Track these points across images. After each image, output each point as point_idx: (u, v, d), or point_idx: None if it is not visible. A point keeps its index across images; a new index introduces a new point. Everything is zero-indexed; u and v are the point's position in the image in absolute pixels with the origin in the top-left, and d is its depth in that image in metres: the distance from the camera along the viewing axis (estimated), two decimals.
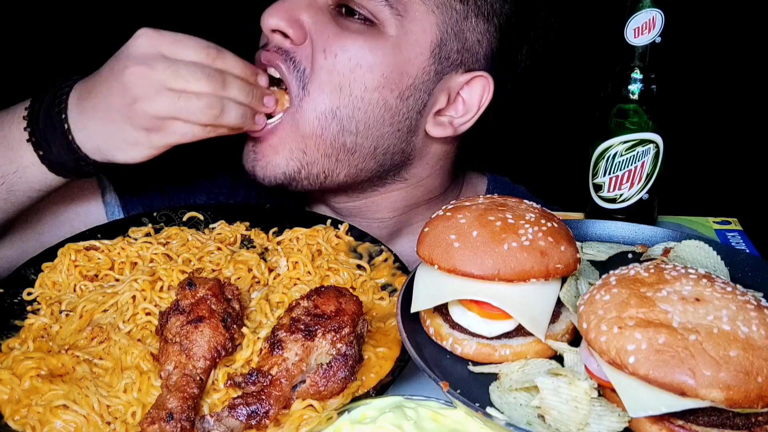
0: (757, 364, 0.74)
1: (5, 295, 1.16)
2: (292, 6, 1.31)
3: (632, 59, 1.18)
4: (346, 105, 1.30)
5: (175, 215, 1.38)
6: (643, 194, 1.23)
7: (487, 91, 1.38)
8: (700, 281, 0.83)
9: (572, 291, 0.98)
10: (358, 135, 1.33)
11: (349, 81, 1.29)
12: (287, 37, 1.31)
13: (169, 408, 0.90)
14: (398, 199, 1.48)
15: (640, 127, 1.20)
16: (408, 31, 1.30)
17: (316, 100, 1.30)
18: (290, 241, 1.31)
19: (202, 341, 0.99)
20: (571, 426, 0.81)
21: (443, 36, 1.33)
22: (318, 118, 1.31)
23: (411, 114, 1.35)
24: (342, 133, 1.32)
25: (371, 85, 1.29)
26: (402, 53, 1.30)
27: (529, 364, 0.92)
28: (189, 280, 1.06)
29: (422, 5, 1.31)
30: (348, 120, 1.31)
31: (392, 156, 1.39)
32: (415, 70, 1.32)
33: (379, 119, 1.33)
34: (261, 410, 0.92)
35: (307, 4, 1.31)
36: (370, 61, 1.29)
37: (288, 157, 1.33)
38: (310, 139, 1.32)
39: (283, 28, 1.30)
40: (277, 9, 1.31)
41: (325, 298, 1.02)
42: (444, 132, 1.39)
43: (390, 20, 1.29)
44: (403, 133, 1.37)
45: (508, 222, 0.95)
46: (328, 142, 1.32)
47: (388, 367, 1.00)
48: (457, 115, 1.40)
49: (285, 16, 1.30)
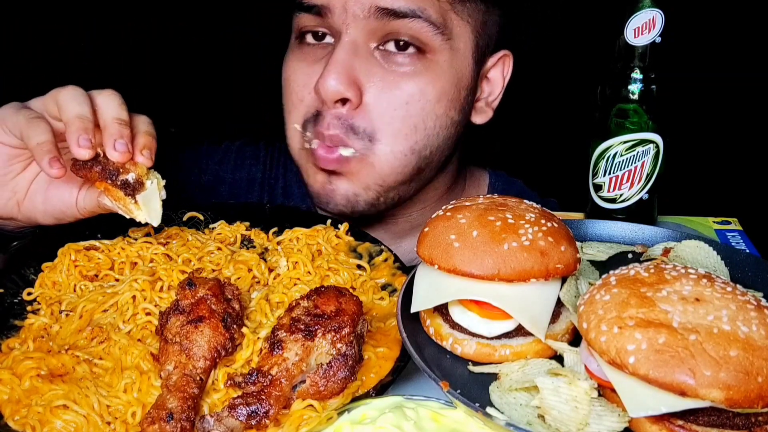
0: (757, 364, 0.74)
1: (5, 295, 1.16)
2: (347, 64, 1.26)
3: (632, 59, 1.18)
4: (422, 138, 1.33)
5: (175, 215, 1.38)
6: (643, 194, 1.23)
7: (507, 64, 1.45)
8: (700, 281, 0.83)
9: (572, 291, 0.98)
10: (430, 156, 1.37)
11: (422, 118, 1.32)
12: (345, 102, 1.28)
13: (169, 408, 0.90)
14: (429, 190, 1.51)
15: (640, 127, 1.20)
16: (456, 49, 1.34)
17: (391, 144, 1.31)
18: (290, 241, 1.31)
19: (202, 341, 0.99)
20: (571, 426, 0.81)
21: (477, 39, 1.37)
22: (396, 157, 1.33)
23: (466, 117, 1.42)
24: (419, 161, 1.36)
25: (440, 112, 1.34)
26: (457, 72, 1.35)
27: (529, 364, 0.91)
28: (189, 280, 1.06)
29: (459, 19, 1.33)
30: (424, 148, 1.35)
31: (449, 158, 1.45)
32: (466, 81, 1.38)
33: (448, 135, 1.38)
34: (261, 410, 0.92)
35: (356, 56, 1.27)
36: (436, 93, 1.32)
37: (365, 187, 1.35)
38: (389, 176, 1.34)
39: (344, 93, 1.26)
40: (335, 73, 1.25)
41: (325, 298, 1.01)
42: (486, 116, 1.47)
43: (442, 46, 1.31)
44: (460, 136, 1.43)
45: (508, 222, 0.94)
46: (407, 174, 1.36)
47: (388, 367, 1.00)
48: (488, 95, 1.46)
49: (346, 80, 1.26)
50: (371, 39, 1.29)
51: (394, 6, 1.25)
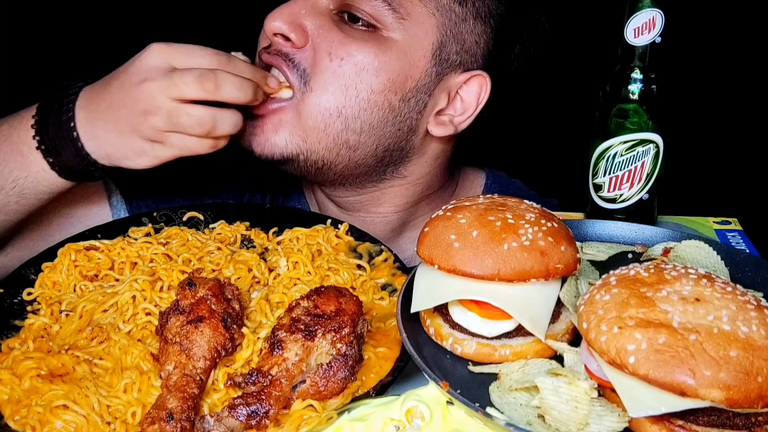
0: (757, 364, 0.74)
1: (5, 295, 1.16)
2: (294, 10, 1.33)
3: (632, 59, 1.18)
4: (351, 105, 1.32)
5: (175, 215, 1.38)
6: (643, 194, 1.23)
7: (484, 89, 1.41)
8: (700, 281, 0.83)
9: (572, 291, 0.98)
10: (361, 134, 1.35)
11: (356, 83, 1.31)
12: (288, 41, 1.33)
13: (169, 408, 0.90)
14: (398, 194, 1.50)
15: (640, 127, 1.20)
16: (411, 34, 1.32)
17: (320, 97, 1.32)
18: (290, 241, 1.31)
19: (202, 341, 0.99)
20: (571, 426, 0.81)
21: (443, 38, 1.35)
22: (322, 114, 1.32)
23: (412, 114, 1.38)
24: (346, 131, 1.34)
25: (377, 88, 1.32)
26: (406, 57, 1.33)
27: (529, 364, 0.91)
28: (189, 280, 1.06)
29: (423, 8, 1.32)
30: (353, 120, 1.33)
31: (391, 153, 1.41)
32: (417, 73, 1.35)
33: (382, 120, 1.35)
34: (261, 410, 0.92)
35: (309, 9, 1.33)
36: (376, 65, 1.31)
37: (287, 140, 1.35)
38: (312, 132, 1.34)
39: (285, 31, 1.32)
40: (280, 13, 1.32)
41: (325, 298, 1.01)
42: (446, 131, 1.42)
43: (393, 24, 1.31)
44: (404, 132, 1.39)
45: (508, 222, 0.94)
46: (331, 138, 1.34)
47: (388, 368, 1.00)
48: (456, 114, 1.42)
49: (288, 20, 1.32)
50: (331, 3, 1.34)
51: None
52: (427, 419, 0.88)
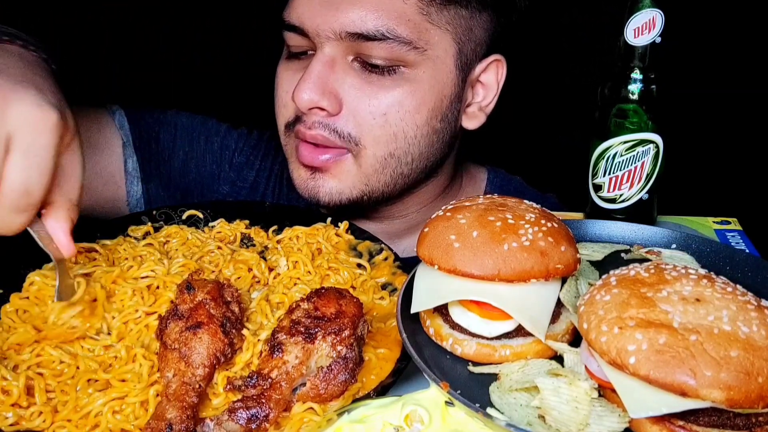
0: (758, 365, 0.74)
1: (5, 296, 1.16)
2: (320, 78, 1.31)
3: (632, 59, 1.18)
4: (401, 146, 1.36)
5: (174, 213, 1.38)
6: (643, 194, 1.23)
7: (501, 69, 1.45)
8: (700, 281, 0.83)
9: (572, 291, 0.98)
10: (413, 162, 1.40)
11: (402, 127, 1.34)
12: (322, 110, 1.33)
13: (169, 419, 0.90)
14: (425, 192, 1.53)
15: (640, 127, 1.20)
16: (434, 58, 1.34)
17: (374, 149, 1.35)
18: (290, 240, 1.31)
19: (201, 348, 0.98)
20: (572, 426, 0.81)
21: (460, 46, 1.37)
22: (378, 161, 1.37)
23: (452, 125, 1.43)
24: (400, 166, 1.39)
25: (421, 122, 1.36)
26: (437, 82, 1.35)
27: (530, 364, 0.91)
28: (188, 284, 1.05)
29: (437, 29, 1.33)
30: (405, 155, 1.38)
31: (437, 163, 1.47)
32: (449, 89, 1.38)
33: (429, 144, 1.40)
34: (261, 414, 0.91)
35: (331, 69, 1.32)
36: (415, 104, 1.34)
37: (351, 187, 1.39)
38: (372, 176, 1.38)
39: (318, 103, 1.31)
40: (308, 85, 1.30)
41: (325, 300, 1.01)
42: (479, 121, 1.47)
43: (417, 58, 1.31)
44: (446, 142, 1.44)
45: (508, 222, 0.94)
46: (388, 175, 1.39)
47: (388, 369, 1.00)
48: (481, 100, 1.46)
49: (319, 91, 1.30)
50: (348, 53, 1.33)
51: (362, 30, 1.28)
52: (426, 422, 0.88)
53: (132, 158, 1.57)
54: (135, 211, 1.58)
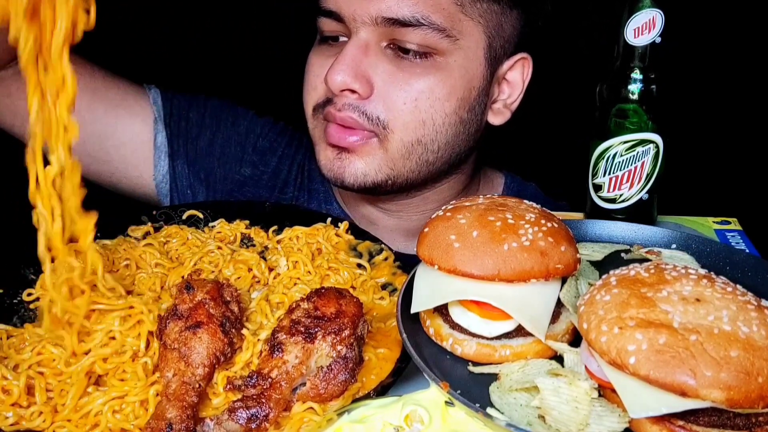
0: (758, 365, 0.74)
1: (5, 296, 1.16)
2: (354, 61, 1.33)
3: (632, 59, 1.18)
4: (429, 133, 1.38)
5: (174, 213, 1.38)
6: (643, 194, 1.23)
7: (527, 67, 1.48)
8: (700, 281, 0.83)
9: (572, 291, 0.98)
10: (439, 151, 1.41)
11: (431, 114, 1.36)
12: (354, 92, 1.34)
13: (168, 418, 0.90)
14: (446, 189, 1.55)
15: (640, 127, 1.20)
16: (466, 49, 1.36)
17: (402, 134, 1.37)
18: (290, 240, 1.31)
19: (201, 348, 0.98)
20: (572, 426, 0.81)
21: (490, 40, 1.39)
22: (405, 146, 1.38)
23: (478, 117, 1.45)
24: (426, 153, 1.40)
25: (449, 110, 1.38)
26: (467, 72, 1.37)
27: (529, 364, 0.91)
28: (187, 283, 1.05)
29: (469, 20, 1.35)
30: (431, 143, 1.39)
31: (461, 155, 1.48)
32: (478, 81, 1.40)
33: (456, 134, 1.42)
34: (261, 413, 0.91)
35: (365, 54, 1.34)
36: (445, 92, 1.36)
37: (377, 170, 1.40)
38: (398, 161, 1.39)
39: (350, 85, 1.33)
40: (341, 67, 1.32)
41: (325, 300, 1.01)
42: (504, 117, 1.50)
43: (449, 47, 1.34)
44: (472, 134, 1.46)
45: (508, 222, 0.94)
46: (414, 161, 1.41)
47: (388, 369, 1.00)
48: (507, 97, 1.49)
49: (351, 73, 1.32)
50: (381, 39, 1.35)
51: (398, 15, 1.30)
52: (426, 422, 0.88)
53: (162, 133, 1.60)
54: (160, 187, 1.63)
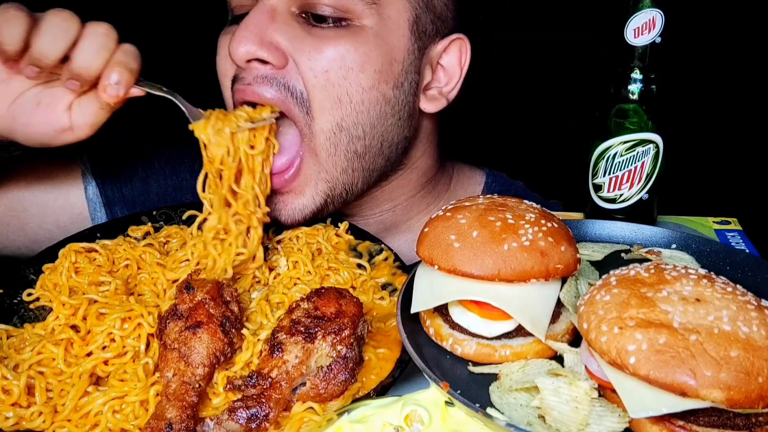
0: (758, 365, 0.74)
1: (5, 296, 1.16)
2: (259, 27, 1.21)
3: (632, 59, 1.18)
4: (348, 114, 1.26)
5: (174, 213, 1.38)
6: (643, 194, 1.23)
7: (464, 52, 1.38)
8: (700, 281, 0.83)
9: (572, 291, 0.98)
10: (365, 137, 1.29)
11: (346, 89, 1.24)
12: (266, 63, 1.23)
13: (168, 418, 0.90)
14: (396, 188, 1.46)
15: (640, 127, 1.20)
16: (385, 17, 1.26)
17: (321, 121, 1.25)
18: (290, 240, 1.31)
19: (201, 348, 0.98)
20: (572, 426, 0.81)
21: (417, 12, 1.30)
22: (328, 138, 1.27)
23: (408, 98, 1.33)
24: (351, 141, 1.28)
25: (367, 84, 1.25)
26: (386, 41, 1.26)
27: (530, 364, 0.91)
28: (187, 283, 1.05)
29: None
30: (354, 126, 1.27)
31: (397, 146, 1.37)
32: (401, 54, 1.29)
33: (381, 114, 1.29)
34: (261, 413, 0.91)
35: (272, 19, 1.22)
36: (359, 60, 1.23)
37: (313, 194, 1.30)
38: (327, 163, 1.28)
39: (259, 54, 1.21)
40: (245, 35, 1.20)
41: (325, 300, 1.01)
42: (438, 105, 1.38)
43: (365, 11, 1.24)
44: (404, 120, 1.34)
45: (508, 222, 0.94)
46: (342, 156, 1.29)
47: (388, 369, 1.00)
48: (443, 84, 1.39)
49: (257, 41, 1.20)
50: (292, 4, 1.24)
51: None
52: (426, 422, 0.88)
53: (91, 184, 1.51)
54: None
